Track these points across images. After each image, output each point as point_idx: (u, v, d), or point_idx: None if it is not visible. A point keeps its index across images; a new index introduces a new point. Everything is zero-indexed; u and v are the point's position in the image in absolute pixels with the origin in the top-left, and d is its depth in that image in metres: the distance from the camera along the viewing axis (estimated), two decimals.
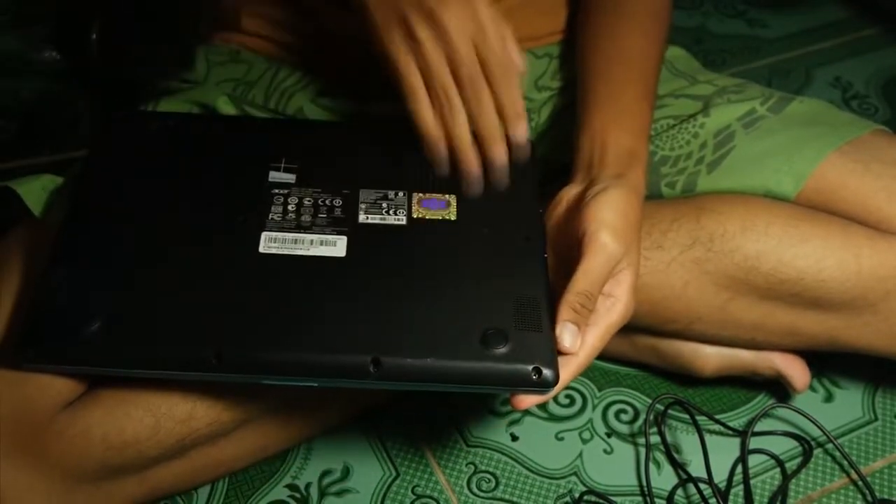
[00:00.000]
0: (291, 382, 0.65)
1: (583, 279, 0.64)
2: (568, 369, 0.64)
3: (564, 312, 0.64)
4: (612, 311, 0.66)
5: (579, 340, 0.64)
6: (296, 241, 0.69)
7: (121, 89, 0.94)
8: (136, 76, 0.91)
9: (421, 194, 0.73)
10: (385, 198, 0.72)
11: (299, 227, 0.70)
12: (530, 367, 0.63)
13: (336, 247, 0.69)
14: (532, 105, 0.87)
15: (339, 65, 0.84)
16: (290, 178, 0.74)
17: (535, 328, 0.65)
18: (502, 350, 0.63)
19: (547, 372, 0.63)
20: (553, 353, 0.64)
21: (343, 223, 0.70)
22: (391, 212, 0.71)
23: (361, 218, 0.71)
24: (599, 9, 0.83)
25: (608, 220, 0.65)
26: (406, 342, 0.64)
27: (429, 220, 0.71)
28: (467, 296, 0.67)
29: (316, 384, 0.65)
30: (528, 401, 0.65)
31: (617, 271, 0.65)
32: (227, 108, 0.83)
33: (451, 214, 0.72)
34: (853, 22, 1.39)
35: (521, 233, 0.71)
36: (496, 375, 0.63)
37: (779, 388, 0.89)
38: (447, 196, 0.73)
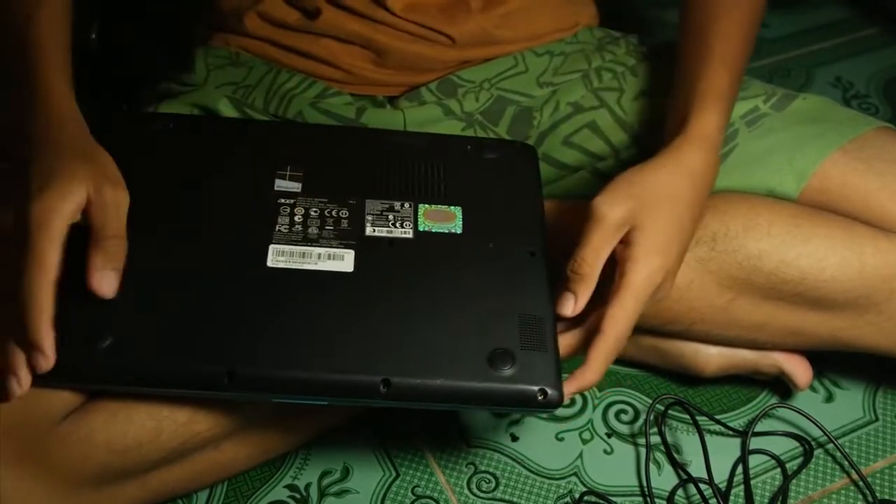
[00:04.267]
0: (302, 401, 0.65)
1: (580, 249, 0.66)
2: (600, 350, 0.65)
3: (563, 284, 0.66)
4: (631, 273, 0.65)
5: (573, 304, 0.66)
6: (303, 255, 0.68)
7: (121, 89, 0.93)
8: (135, 76, 0.91)
9: (427, 206, 0.73)
10: (391, 209, 0.72)
11: (306, 240, 0.69)
12: (536, 389, 0.64)
13: (344, 261, 0.68)
14: (534, 102, 0.86)
15: (339, 69, 0.84)
16: (295, 186, 0.73)
17: (540, 347, 0.65)
18: (509, 371, 0.64)
19: (552, 393, 0.64)
20: (558, 373, 0.64)
21: (350, 236, 0.70)
22: (398, 224, 0.71)
23: (368, 230, 0.71)
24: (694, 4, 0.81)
25: (607, 189, 0.67)
26: (415, 363, 0.64)
27: (435, 233, 0.71)
28: (474, 314, 0.67)
29: (326, 402, 0.65)
30: None
31: (626, 230, 0.66)
32: (228, 110, 0.83)
33: (457, 227, 0.72)
34: (853, 22, 1.38)
35: (526, 247, 0.71)
36: (503, 396, 0.64)
37: (779, 388, 0.89)
38: (452, 208, 0.73)
